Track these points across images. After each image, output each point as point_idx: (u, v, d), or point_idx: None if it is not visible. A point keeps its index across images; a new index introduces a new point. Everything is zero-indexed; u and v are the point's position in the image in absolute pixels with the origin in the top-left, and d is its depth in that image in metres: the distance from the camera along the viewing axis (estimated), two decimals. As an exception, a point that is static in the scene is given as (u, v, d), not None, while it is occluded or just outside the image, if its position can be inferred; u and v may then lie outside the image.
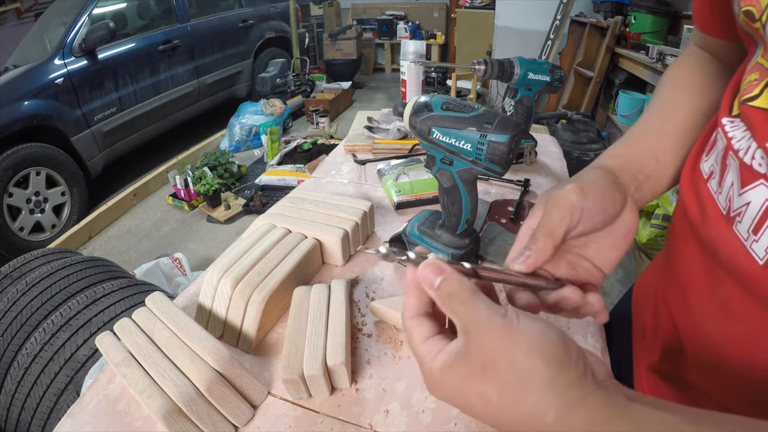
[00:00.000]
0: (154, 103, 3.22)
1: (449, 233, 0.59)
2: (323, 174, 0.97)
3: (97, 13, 2.86)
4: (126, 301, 1.17)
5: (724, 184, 0.33)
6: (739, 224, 0.31)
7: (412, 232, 0.63)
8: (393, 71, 5.95)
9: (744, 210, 0.30)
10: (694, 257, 0.37)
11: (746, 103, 0.31)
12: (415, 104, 0.52)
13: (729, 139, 0.33)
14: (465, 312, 0.26)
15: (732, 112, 0.34)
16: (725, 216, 0.32)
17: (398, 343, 0.53)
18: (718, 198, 0.34)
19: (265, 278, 0.55)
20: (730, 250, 0.32)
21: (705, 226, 0.35)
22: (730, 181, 0.32)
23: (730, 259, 0.32)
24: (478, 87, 3.78)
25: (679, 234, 0.40)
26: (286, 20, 4.52)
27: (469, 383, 0.25)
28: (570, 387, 0.23)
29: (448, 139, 0.50)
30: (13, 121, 2.33)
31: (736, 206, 0.31)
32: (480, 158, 0.49)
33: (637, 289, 0.55)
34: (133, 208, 2.85)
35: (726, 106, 0.35)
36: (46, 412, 1.00)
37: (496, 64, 0.83)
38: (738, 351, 0.32)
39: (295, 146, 3.18)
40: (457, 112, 0.49)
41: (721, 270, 0.33)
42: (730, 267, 0.32)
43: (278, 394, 0.48)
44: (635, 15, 2.70)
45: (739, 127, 0.32)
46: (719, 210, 0.33)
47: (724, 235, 0.32)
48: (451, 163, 0.53)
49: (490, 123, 0.47)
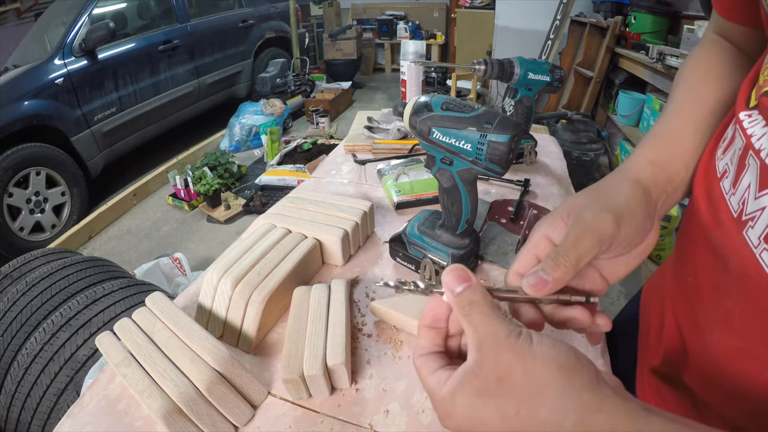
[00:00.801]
0: (154, 103, 3.22)
1: (449, 233, 0.59)
2: (323, 174, 0.97)
3: (97, 13, 2.86)
4: (126, 301, 1.17)
5: (739, 185, 0.31)
6: (751, 230, 0.29)
7: (412, 232, 0.63)
8: (393, 71, 5.95)
9: (758, 215, 0.28)
10: (703, 262, 0.35)
11: (767, 95, 0.30)
12: (415, 104, 0.52)
13: (749, 137, 0.30)
14: (484, 324, 0.25)
15: (749, 104, 0.32)
16: (736, 219, 0.30)
17: (398, 343, 0.53)
18: (730, 199, 0.32)
19: (265, 278, 0.55)
20: (741, 258, 0.29)
21: (716, 230, 0.33)
22: (747, 182, 0.30)
23: (740, 267, 0.30)
24: (478, 87, 3.77)
25: (690, 236, 0.38)
26: (286, 20, 4.52)
27: (485, 398, 0.24)
28: (584, 391, 0.23)
29: (448, 139, 0.50)
30: (13, 121, 2.33)
31: (750, 210, 0.29)
32: (480, 158, 0.49)
33: (645, 291, 0.55)
34: (133, 208, 2.85)
35: (743, 97, 0.33)
36: (46, 412, 1.00)
37: (496, 64, 0.83)
38: (739, 364, 0.31)
39: (295, 146, 3.18)
40: (457, 112, 0.49)
41: (728, 278, 0.31)
42: (738, 276, 0.30)
43: (278, 394, 0.48)
44: (635, 15, 2.70)
45: (757, 122, 0.30)
46: (731, 213, 0.31)
47: (734, 241, 0.30)
48: (451, 163, 0.53)
49: (490, 123, 0.47)
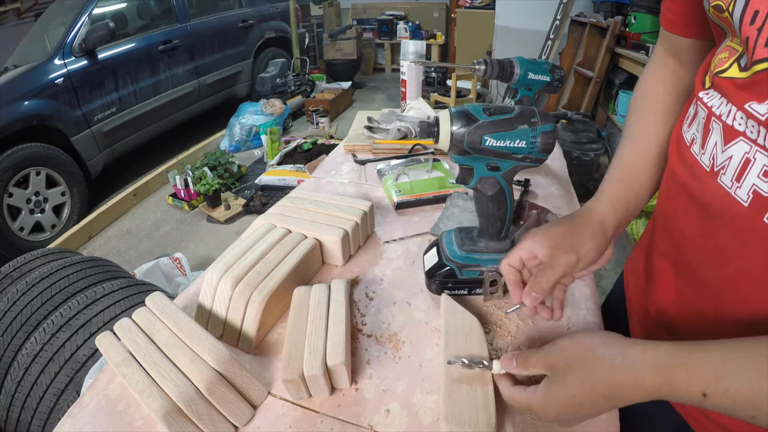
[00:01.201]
0: (154, 103, 3.22)
1: (493, 240, 0.58)
2: (323, 174, 0.97)
3: (97, 13, 2.86)
4: (126, 301, 1.17)
5: (707, 145, 0.39)
6: (723, 176, 0.37)
7: (456, 256, 0.58)
8: (393, 71, 5.94)
9: (727, 163, 0.36)
10: (686, 214, 0.43)
11: (718, 75, 0.37)
12: (452, 118, 0.49)
13: (709, 108, 0.39)
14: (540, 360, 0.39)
15: (705, 86, 0.40)
16: (710, 172, 0.38)
17: (398, 343, 0.53)
18: (701, 158, 0.40)
19: (265, 278, 0.55)
20: (719, 201, 0.37)
21: (694, 183, 0.41)
22: (713, 141, 0.38)
23: (720, 208, 0.37)
24: (478, 87, 3.77)
25: (671, 199, 0.46)
26: (286, 20, 4.52)
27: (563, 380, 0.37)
28: (619, 338, 0.36)
29: (502, 142, 0.49)
30: (13, 121, 2.33)
31: (720, 161, 0.37)
32: (533, 151, 0.50)
33: (628, 264, 0.63)
34: (133, 208, 2.85)
35: (699, 82, 0.42)
36: (46, 412, 1.00)
37: (496, 64, 0.83)
38: (736, 290, 0.37)
39: (295, 146, 3.18)
40: (502, 114, 0.49)
41: (713, 221, 0.38)
42: (721, 216, 0.37)
43: (278, 394, 0.48)
44: (635, 15, 2.70)
45: (714, 96, 0.38)
46: (704, 168, 0.39)
47: (711, 188, 0.38)
48: (498, 168, 0.52)
49: (534, 117, 0.49)
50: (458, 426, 0.41)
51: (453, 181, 0.85)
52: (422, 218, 0.79)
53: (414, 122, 1.04)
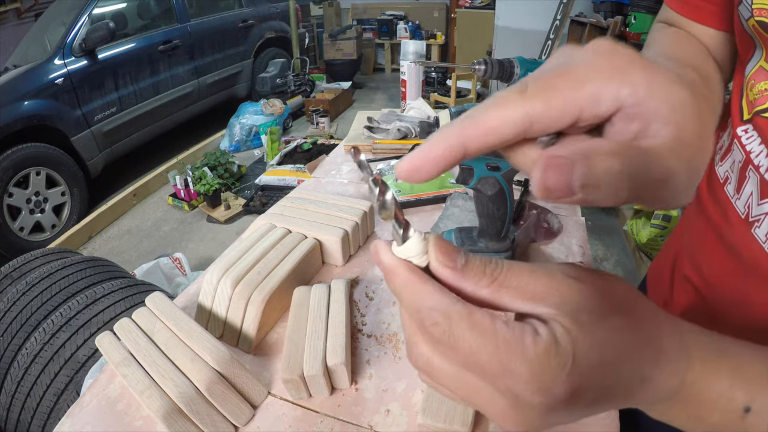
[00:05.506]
0: (154, 103, 3.22)
1: (493, 240, 0.58)
2: (323, 174, 0.97)
3: (97, 13, 2.86)
4: (126, 301, 1.17)
5: (743, 192, 0.37)
6: (758, 228, 0.35)
7: None
8: (393, 71, 5.94)
9: (763, 218, 0.35)
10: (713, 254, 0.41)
11: (760, 114, 0.34)
12: (451, 118, 0.50)
13: (747, 152, 0.36)
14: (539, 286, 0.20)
15: (743, 117, 0.37)
16: (744, 220, 0.37)
17: (398, 343, 0.53)
18: (737, 203, 0.38)
19: (265, 278, 0.55)
20: (752, 252, 0.36)
21: (727, 229, 0.39)
22: (749, 190, 0.36)
23: (752, 258, 0.36)
24: (477, 87, 3.77)
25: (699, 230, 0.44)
26: (286, 20, 4.52)
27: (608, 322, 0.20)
28: None
29: None
30: (13, 121, 2.33)
31: (755, 213, 0.35)
32: None
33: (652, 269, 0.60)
34: (133, 208, 2.85)
35: (736, 109, 0.38)
36: (46, 412, 1.00)
37: (496, 64, 0.83)
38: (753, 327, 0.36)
39: (295, 146, 3.18)
40: None
41: (740, 263, 0.37)
42: (751, 265, 0.36)
43: (278, 394, 0.48)
44: (635, 15, 2.70)
45: (754, 138, 0.35)
46: (738, 215, 0.37)
47: (745, 238, 0.36)
48: (498, 168, 0.52)
49: None
50: (432, 419, 0.41)
51: (453, 181, 0.85)
52: (422, 218, 0.79)
53: (414, 122, 1.04)
